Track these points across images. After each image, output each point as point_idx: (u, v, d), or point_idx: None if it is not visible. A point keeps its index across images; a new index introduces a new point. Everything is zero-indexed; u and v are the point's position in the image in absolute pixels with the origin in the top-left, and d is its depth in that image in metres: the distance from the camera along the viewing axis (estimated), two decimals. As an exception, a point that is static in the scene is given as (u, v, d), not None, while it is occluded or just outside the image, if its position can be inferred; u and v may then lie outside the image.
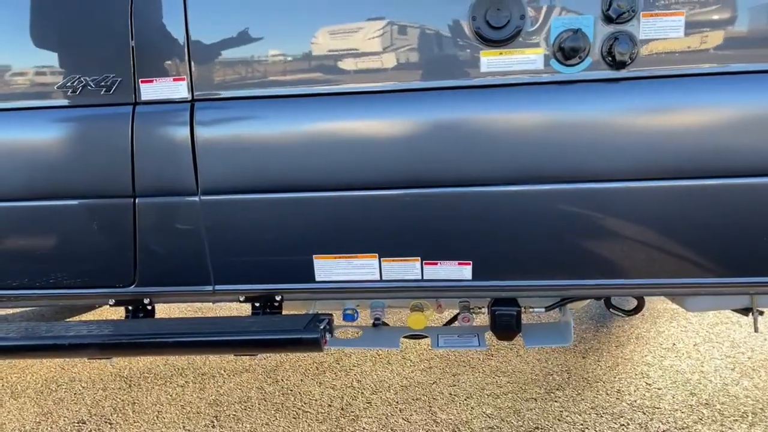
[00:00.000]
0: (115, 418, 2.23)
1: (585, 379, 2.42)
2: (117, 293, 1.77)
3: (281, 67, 1.57)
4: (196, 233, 1.67)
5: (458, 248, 1.61)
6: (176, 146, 1.61)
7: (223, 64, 1.58)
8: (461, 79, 1.52)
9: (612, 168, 1.50)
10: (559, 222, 1.55)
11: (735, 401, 2.18)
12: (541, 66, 1.50)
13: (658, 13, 1.47)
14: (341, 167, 1.57)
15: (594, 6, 1.47)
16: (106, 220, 1.69)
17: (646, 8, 1.46)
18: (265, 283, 1.72)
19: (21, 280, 1.76)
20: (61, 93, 1.61)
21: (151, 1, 1.58)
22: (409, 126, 1.54)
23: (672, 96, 1.47)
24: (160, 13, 1.59)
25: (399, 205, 1.59)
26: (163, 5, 1.59)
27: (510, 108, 1.52)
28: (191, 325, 1.65)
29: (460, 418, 2.13)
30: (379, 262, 1.64)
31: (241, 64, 1.58)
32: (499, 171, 1.54)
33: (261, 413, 2.21)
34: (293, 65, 1.56)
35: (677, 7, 1.47)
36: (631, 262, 1.57)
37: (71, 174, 1.65)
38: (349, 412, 2.21)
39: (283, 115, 1.58)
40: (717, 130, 1.45)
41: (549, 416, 2.12)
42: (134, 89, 1.60)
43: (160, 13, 1.59)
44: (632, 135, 1.47)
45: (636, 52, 1.46)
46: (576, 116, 1.50)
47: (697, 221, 1.51)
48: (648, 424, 2.04)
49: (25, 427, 2.19)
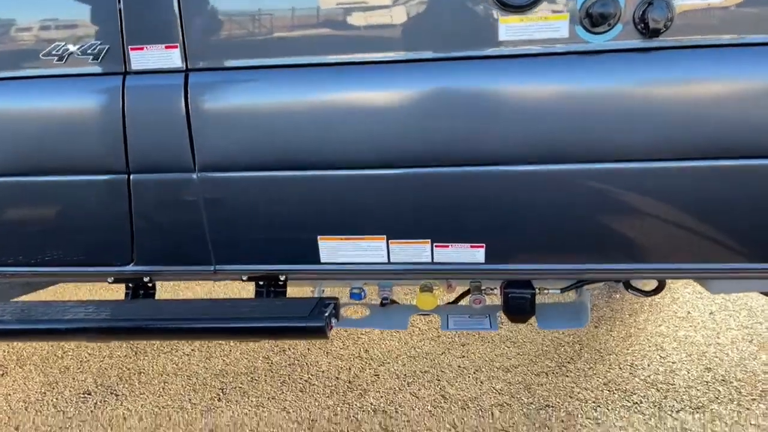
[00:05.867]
0: (121, 389, 2.21)
1: (597, 351, 2.36)
2: (115, 272, 1.70)
3: (283, 34, 1.44)
4: (195, 212, 1.58)
5: (471, 230, 1.52)
6: (171, 120, 1.50)
7: (220, 30, 1.45)
8: (476, 49, 1.39)
9: (639, 147, 1.39)
10: (578, 204, 1.45)
11: (753, 378, 2.12)
12: (566, 34, 1.36)
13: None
14: (347, 144, 1.47)
15: (626, -36, 1.33)
16: (101, 198, 1.60)
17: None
18: (268, 264, 1.64)
19: (16, 257, 1.69)
20: (47, 62, 1.50)
21: None
22: (420, 99, 1.42)
23: (710, 68, 1.34)
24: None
25: (408, 185, 1.49)
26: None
27: (530, 80, 1.40)
28: (192, 310, 1.58)
29: (469, 394, 2.09)
30: (387, 245, 1.56)
31: (240, 30, 1.45)
32: (517, 149, 1.42)
33: (267, 386, 2.18)
34: (297, 31, 1.43)
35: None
36: (654, 245, 1.48)
37: (62, 149, 1.56)
38: (356, 385, 2.18)
39: (285, 86, 1.47)
40: (756, 107, 1.32)
41: (560, 392, 2.08)
42: (124, 57, 1.48)
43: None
44: (663, 111, 1.35)
45: (672, 18, 1.31)
46: (602, 90, 1.38)
47: (727, 204, 1.41)
48: (662, 403, 2.00)
49: (30, 397, 2.18)
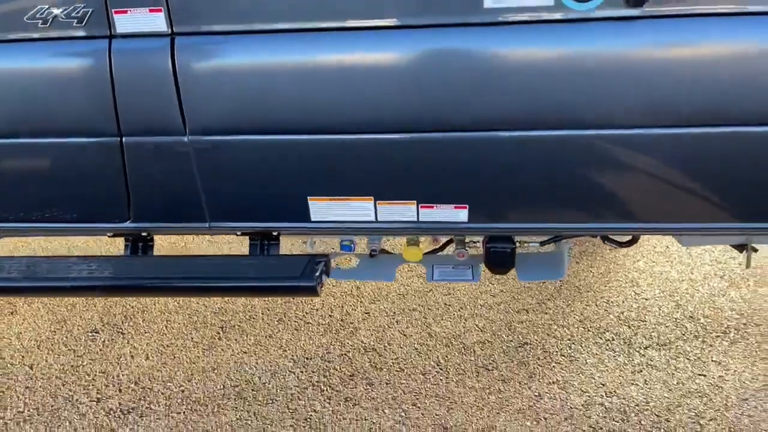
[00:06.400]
0: (127, 327, 2.35)
1: (576, 288, 2.50)
2: (113, 228, 1.77)
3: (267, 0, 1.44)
4: (188, 173, 1.63)
5: (454, 192, 1.58)
6: (159, 84, 1.52)
7: (204, -7, 1.44)
8: (461, 16, 1.39)
9: (620, 114, 1.43)
10: (558, 168, 1.51)
11: (719, 315, 2.26)
12: (551, 1, 1.36)
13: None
14: (334, 109, 1.50)
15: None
16: (96, 159, 1.64)
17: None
18: (261, 221, 1.71)
19: (17, 213, 1.75)
20: (31, 26, 1.49)
21: None
22: (405, 66, 1.44)
23: (690, 37, 1.36)
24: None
25: (394, 150, 1.54)
26: None
27: (514, 47, 1.41)
28: (189, 268, 1.67)
29: (453, 332, 2.24)
30: (375, 205, 1.62)
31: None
32: (499, 116, 1.46)
33: (264, 324, 2.32)
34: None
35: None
36: (629, 206, 1.55)
37: (56, 111, 1.59)
38: (348, 323, 2.32)
39: (270, 51, 1.48)
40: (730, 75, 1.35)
41: (538, 330, 2.23)
42: (108, 21, 1.48)
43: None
44: (644, 79, 1.38)
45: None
46: (586, 57, 1.40)
47: (699, 169, 1.47)
48: (632, 340, 2.15)
49: (41, 336, 2.32)
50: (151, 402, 1.95)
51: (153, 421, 1.87)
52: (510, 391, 1.92)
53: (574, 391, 1.91)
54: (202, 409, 1.91)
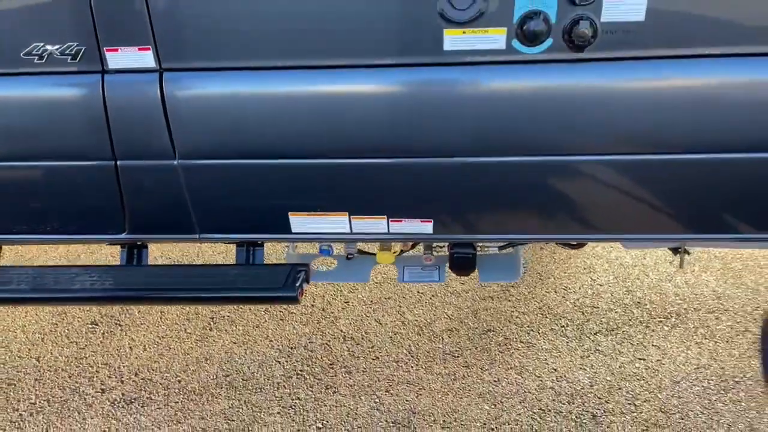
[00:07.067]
0: (124, 319, 2.54)
1: (538, 274, 2.72)
2: (110, 239, 1.94)
3: (247, 39, 1.57)
4: (178, 192, 1.79)
5: (420, 209, 1.77)
6: (150, 114, 1.66)
7: (188, 35, 1.58)
8: (424, 57, 1.55)
9: (564, 142, 1.60)
10: (511, 188, 1.70)
11: (663, 300, 2.51)
12: (503, 45, 1.52)
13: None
14: (310, 136, 1.66)
15: (558, -13, 1.46)
16: (93, 179, 1.80)
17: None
18: (245, 233, 1.88)
19: (22, 227, 1.91)
20: (28, 61, 1.62)
21: None
22: (375, 100, 1.60)
23: (625, 78, 1.53)
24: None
25: (365, 172, 1.71)
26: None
27: (470, 84, 1.57)
28: (180, 279, 1.85)
29: (424, 319, 2.46)
30: (349, 219, 1.80)
31: (207, 35, 1.57)
32: (457, 143, 1.64)
33: (252, 315, 2.53)
34: (259, 38, 1.56)
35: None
36: (575, 220, 1.75)
37: (56, 138, 1.72)
38: (329, 312, 2.53)
39: (250, 85, 1.62)
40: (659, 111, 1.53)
41: (501, 317, 2.46)
42: (100, 57, 1.61)
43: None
44: (586, 113, 1.56)
45: (595, 35, 1.48)
46: (533, 94, 1.57)
47: (635, 190, 1.67)
48: (584, 326, 2.39)
49: (44, 329, 2.51)
50: (151, 392, 2.16)
51: (154, 410, 2.08)
52: (473, 377, 2.16)
53: (528, 375, 2.16)
54: (197, 398, 2.13)
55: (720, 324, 2.36)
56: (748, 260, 2.73)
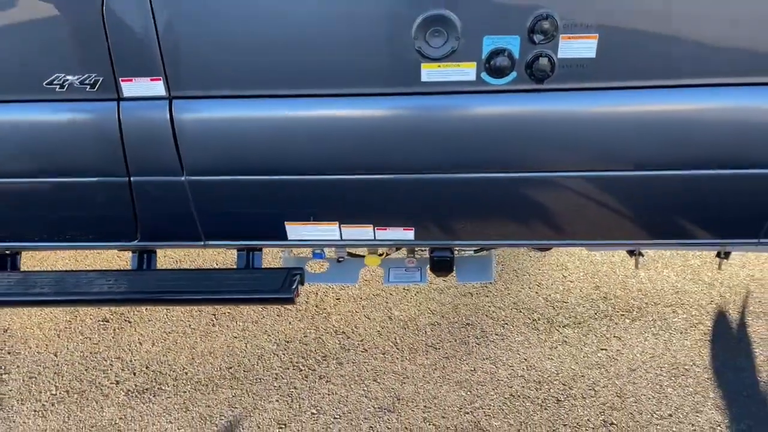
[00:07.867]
0: (132, 315, 2.76)
1: (515, 271, 2.96)
2: (124, 245, 2.15)
3: (245, 71, 1.78)
4: (186, 205, 2.00)
5: (403, 218, 2.00)
6: (160, 137, 1.86)
7: (194, 67, 1.78)
8: (403, 87, 1.77)
9: (530, 161, 1.83)
10: (481, 199, 1.93)
11: (627, 295, 2.75)
12: (474, 77, 1.73)
13: (574, 36, 1.68)
14: (303, 156, 1.88)
15: (521, 28, 1.68)
16: (109, 193, 2.01)
17: (565, 31, 1.67)
18: (247, 240, 2.11)
19: (42, 235, 2.12)
20: (50, 90, 1.82)
21: (120, 3, 1.71)
22: (361, 124, 1.81)
23: (582, 104, 1.76)
24: (130, 15, 1.74)
25: (352, 187, 1.93)
26: (132, 7, 1.73)
27: (444, 111, 1.79)
28: (190, 282, 2.07)
29: (409, 315, 2.69)
30: (339, 228, 2.02)
31: (210, 67, 1.78)
32: (434, 162, 1.86)
33: (251, 312, 2.75)
34: (256, 69, 1.77)
35: (591, 31, 1.68)
36: (542, 229, 1.98)
37: (76, 156, 1.93)
38: (321, 309, 2.75)
39: (251, 110, 1.84)
40: (616, 135, 1.76)
41: (479, 312, 2.69)
42: (116, 87, 1.81)
43: (131, 16, 1.74)
44: (547, 135, 1.78)
45: (553, 69, 1.70)
46: (500, 119, 1.79)
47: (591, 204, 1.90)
48: (554, 319, 2.63)
49: (59, 326, 2.72)
50: (161, 383, 2.38)
51: (164, 399, 2.31)
52: (451, 367, 2.39)
53: (502, 365, 2.40)
54: (203, 388, 2.35)
55: (676, 317, 2.60)
56: (707, 257, 2.97)
